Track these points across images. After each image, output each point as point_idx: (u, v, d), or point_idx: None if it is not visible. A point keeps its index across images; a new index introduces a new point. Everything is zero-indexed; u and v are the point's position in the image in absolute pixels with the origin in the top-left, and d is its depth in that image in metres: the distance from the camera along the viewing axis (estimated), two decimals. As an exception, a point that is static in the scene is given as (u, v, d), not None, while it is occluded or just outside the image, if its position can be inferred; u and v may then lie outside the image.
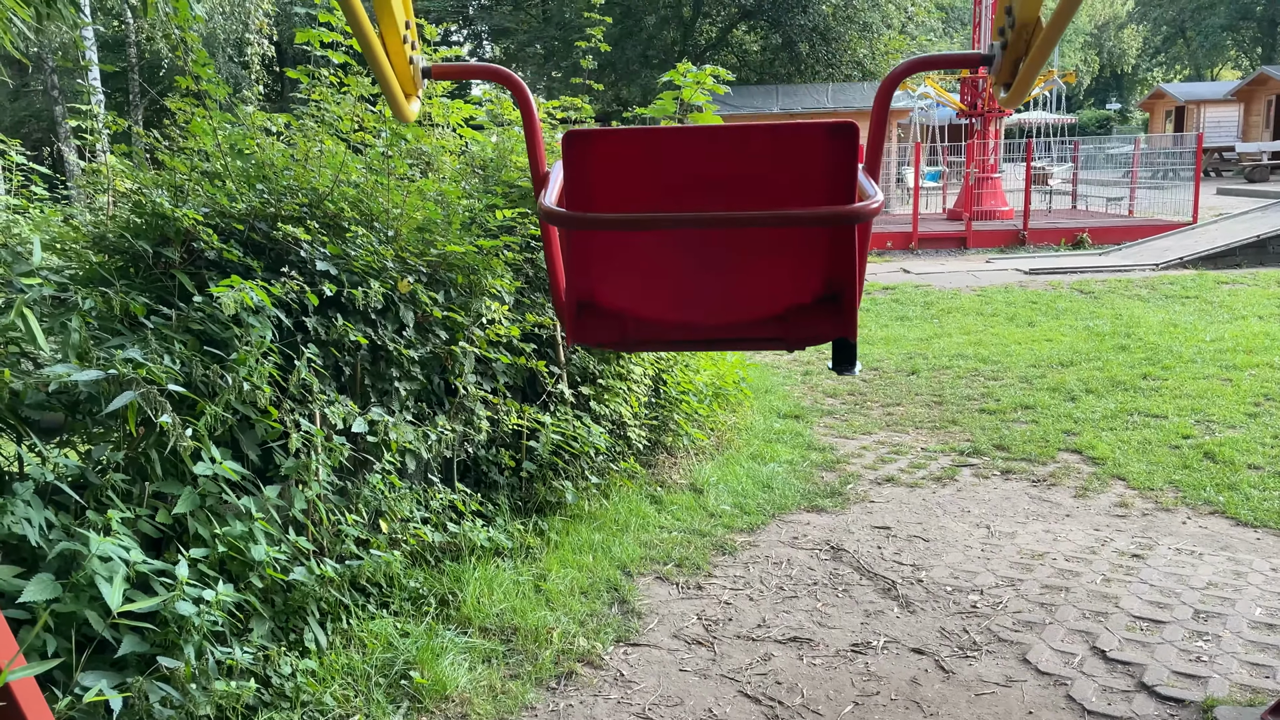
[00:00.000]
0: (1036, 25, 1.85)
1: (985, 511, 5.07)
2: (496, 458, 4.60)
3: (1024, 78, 1.90)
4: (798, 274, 2.08)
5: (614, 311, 2.14)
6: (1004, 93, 2.00)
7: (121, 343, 3.24)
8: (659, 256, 2.09)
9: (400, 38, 1.90)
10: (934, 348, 9.05)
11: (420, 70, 2.06)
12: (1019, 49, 1.88)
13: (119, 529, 2.96)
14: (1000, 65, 1.97)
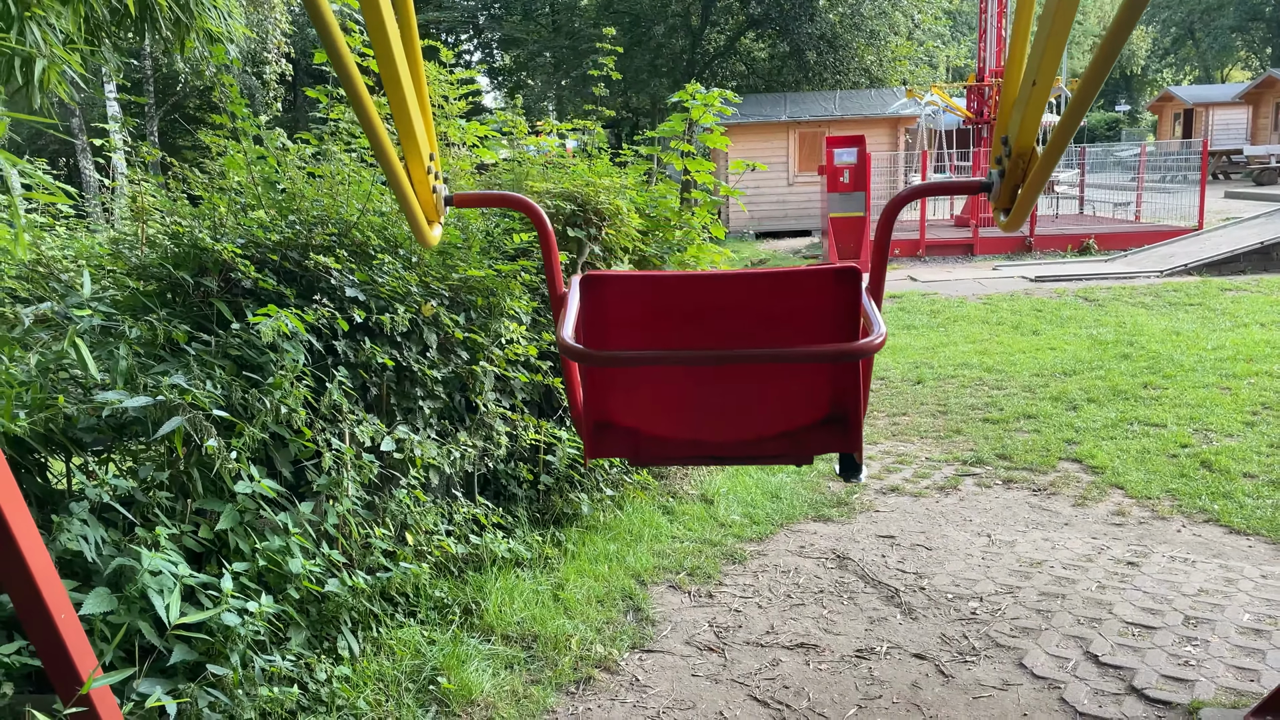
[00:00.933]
0: (1032, 154, 1.97)
1: (986, 520, 5.24)
2: (515, 471, 4.80)
3: (1022, 203, 2.00)
4: (804, 398, 2.22)
5: (629, 429, 2.29)
6: (1004, 217, 2.10)
7: (166, 368, 3.45)
8: (671, 383, 2.23)
9: (425, 168, 2.05)
10: (940, 357, 9.22)
11: (443, 198, 2.19)
12: (1016, 176, 2.00)
13: (167, 545, 3.18)
14: (999, 192, 2.07)
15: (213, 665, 2.99)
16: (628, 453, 2.32)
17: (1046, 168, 1.89)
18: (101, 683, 2.05)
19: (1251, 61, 63.31)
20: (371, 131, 1.74)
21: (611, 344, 2.13)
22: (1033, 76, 1.91)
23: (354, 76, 1.63)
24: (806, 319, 2.08)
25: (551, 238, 2.46)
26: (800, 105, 23.40)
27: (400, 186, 1.95)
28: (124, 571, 3.03)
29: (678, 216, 6.44)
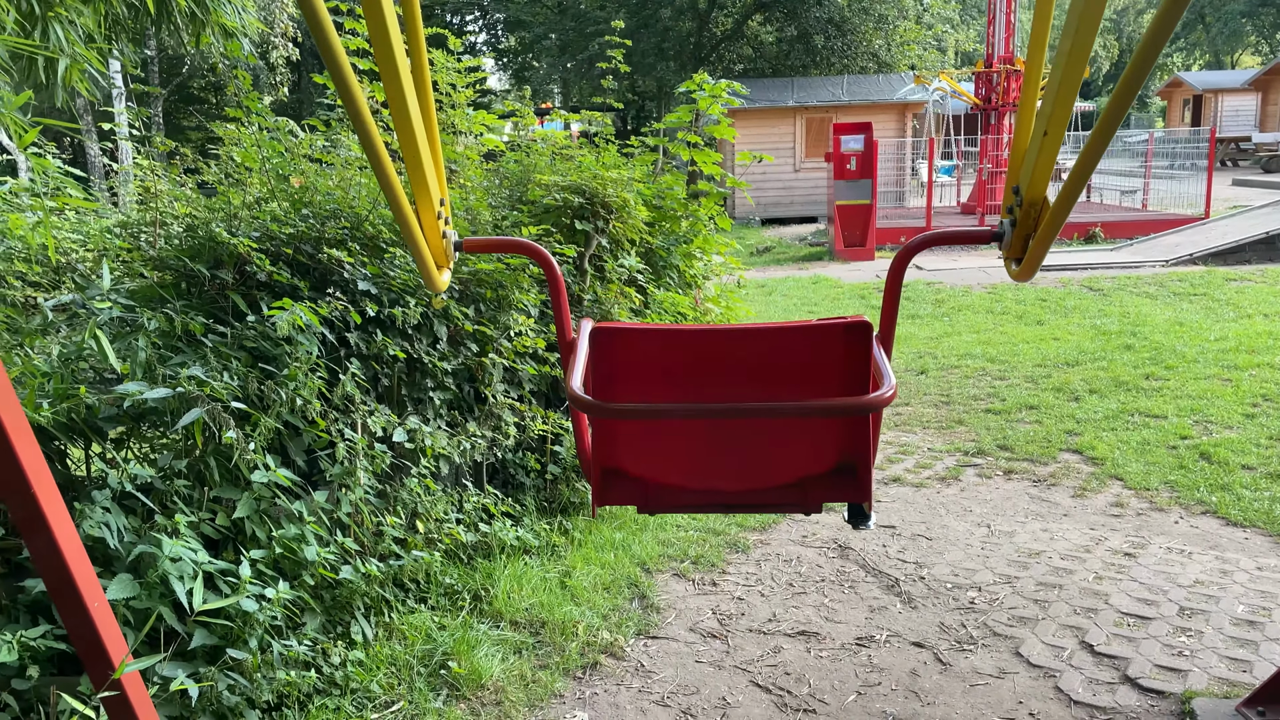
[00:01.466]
0: (1044, 204, 1.98)
1: (987, 511, 5.32)
2: (523, 461, 4.88)
3: (1034, 253, 2.01)
4: (814, 449, 2.23)
5: (636, 478, 2.30)
6: (1015, 266, 2.11)
7: (184, 360, 3.53)
8: (680, 433, 2.23)
9: (435, 214, 2.07)
10: (943, 346, 9.28)
11: (452, 244, 2.21)
12: (1028, 226, 2.02)
13: (186, 532, 3.26)
14: (1010, 241, 2.09)
15: (232, 649, 3.08)
16: (636, 500, 2.33)
17: (1059, 218, 1.90)
18: (133, 668, 2.14)
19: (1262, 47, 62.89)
20: (384, 178, 1.75)
21: (620, 394, 2.13)
22: (1044, 127, 1.94)
23: (369, 125, 1.67)
24: (817, 371, 2.08)
25: (560, 282, 2.47)
26: (807, 90, 23.35)
27: (410, 232, 1.97)
28: (144, 558, 3.12)
29: (684, 207, 6.49)
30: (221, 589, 3.25)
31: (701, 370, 2.11)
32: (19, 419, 2.39)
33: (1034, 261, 2.05)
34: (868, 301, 11.94)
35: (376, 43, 1.73)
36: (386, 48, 1.73)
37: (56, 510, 2.03)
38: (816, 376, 2.09)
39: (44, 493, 2.14)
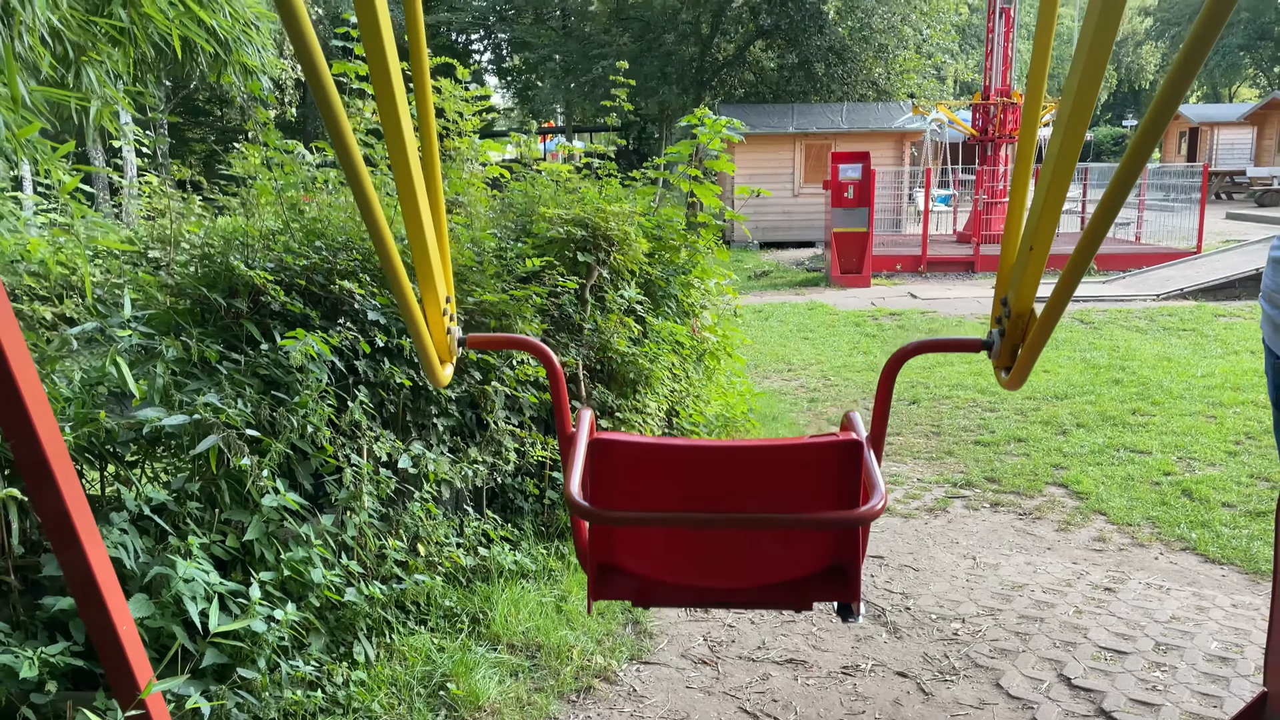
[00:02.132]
0: (1031, 315, 2.03)
1: (973, 543, 5.46)
2: (522, 485, 5.01)
3: (1023, 363, 2.06)
4: (807, 552, 2.31)
5: (633, 575, 2.37)
6: (1005, 375, 2.15)
7: (200, 386, 3.67)
8: (676, 534, 2.31)
9: (440, 310, 2.13)
10: (935, 377, 9.44)
11: (456, 340, 2.28)
12: (1016, 336, 2.07)
13: (198, 554, 3.40)
14: (1000, 350, 2.13)
15: (242, 669, 3.21)
16: (631, 596, 2.38)
17: (1045, 328, 1.96)
18: (158, 688, 2.27)
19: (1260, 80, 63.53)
20: (391, 271, 1.79)
21: (618, 496, 2.20)
22: (1029, 242, 1.99)
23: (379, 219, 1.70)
24: (810, 484, 2.16)
25: (560, 377, 2.55)
26: (807, 117, 23.61)
27: (415, 326, 2.02)
28: (158, 578, 3.25)
29: (683, 238, 6.65)
30: (232, 609, 3.37)
31: (699, 480, 2.19)
32: (58, 445, 2.53)
33: (1023, 370, 2.09)
34: (862, 329, 12.10)
35: (389, 132, 1.80)
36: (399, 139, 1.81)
37: (91, 536, 2.16)
38: (810, 489, 2.17)
39: (80, 518, 2.27)
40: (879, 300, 14.34)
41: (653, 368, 5.64)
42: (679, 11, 26.13)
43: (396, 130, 1.79)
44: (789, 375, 9.92)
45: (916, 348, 2.50)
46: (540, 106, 37.82)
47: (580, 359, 5.34)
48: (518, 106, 48.82)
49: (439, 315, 2.17)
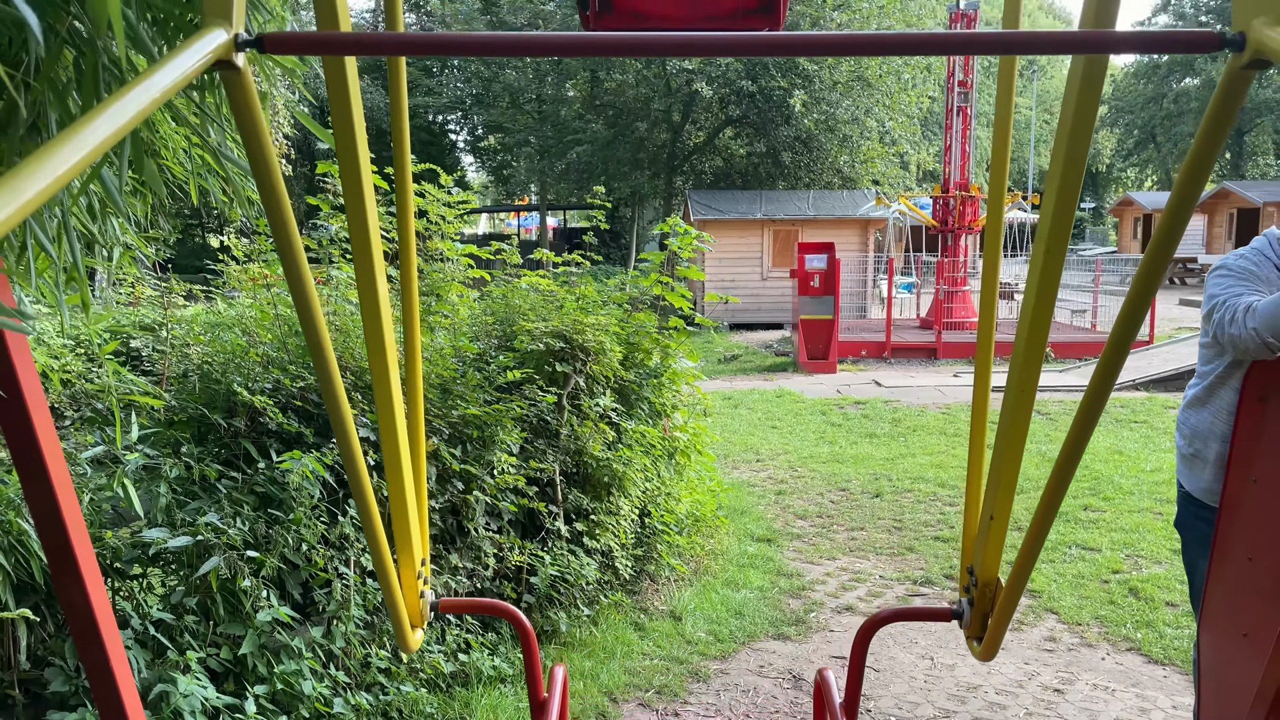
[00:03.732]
0: (997, 584, 2.08)
1: (931, 643, 5.71)
2: (500, 589, 5.23)
3: (993, 633, 2.06)
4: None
5: None
6: (977, 645, 2.18)
7: (200, 505, 3.90)
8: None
9: (415, 573, 2.16)
10: (898, 469, 9.77)
11: (429, 604, 2.32)
12: (985, 605, 2.11)
13: (196, 668, 3.59)
14: (970, 619, 2.16)
15: (237, 782, 3.38)
16: None
17: (1012, 597, 1.98)
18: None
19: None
20: (370, 530, 1.85)
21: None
22: (990, 512, 2.06)
23: (364, 482, 1.77)
24: None
25: (533, 641, 2.64)
26: (775, 204, 24.36)
27: (389, 591, 2.02)
28: (162, 694, 3.44)
29: (655, 341, 6.98)
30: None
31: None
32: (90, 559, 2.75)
33: (994, 640, 2.09)
34: (828, 418, 12.45)
35: (380, 405, 1.96)
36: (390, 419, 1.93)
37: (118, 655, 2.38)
38: None
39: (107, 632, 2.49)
40: (844, 388, 14.74)
41: (626, 470, 5.91)
42: (650, 100, 27.00)
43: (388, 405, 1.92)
44: (757, 465, 10.21)
45: (889, 616, 2.62)
46: (515, 187, 38.58)
47: (557, 465, 5.60)
48: (492, 185, 49.63)
49: (414, 579, 2.17)
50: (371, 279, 1.86)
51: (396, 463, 2.05)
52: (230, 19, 1.24)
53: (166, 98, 1.08)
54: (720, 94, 26.00)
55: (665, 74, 26.49)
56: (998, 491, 2.03)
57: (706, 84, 25.13)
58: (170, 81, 1.08)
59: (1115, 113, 67.33)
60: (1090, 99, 1.63)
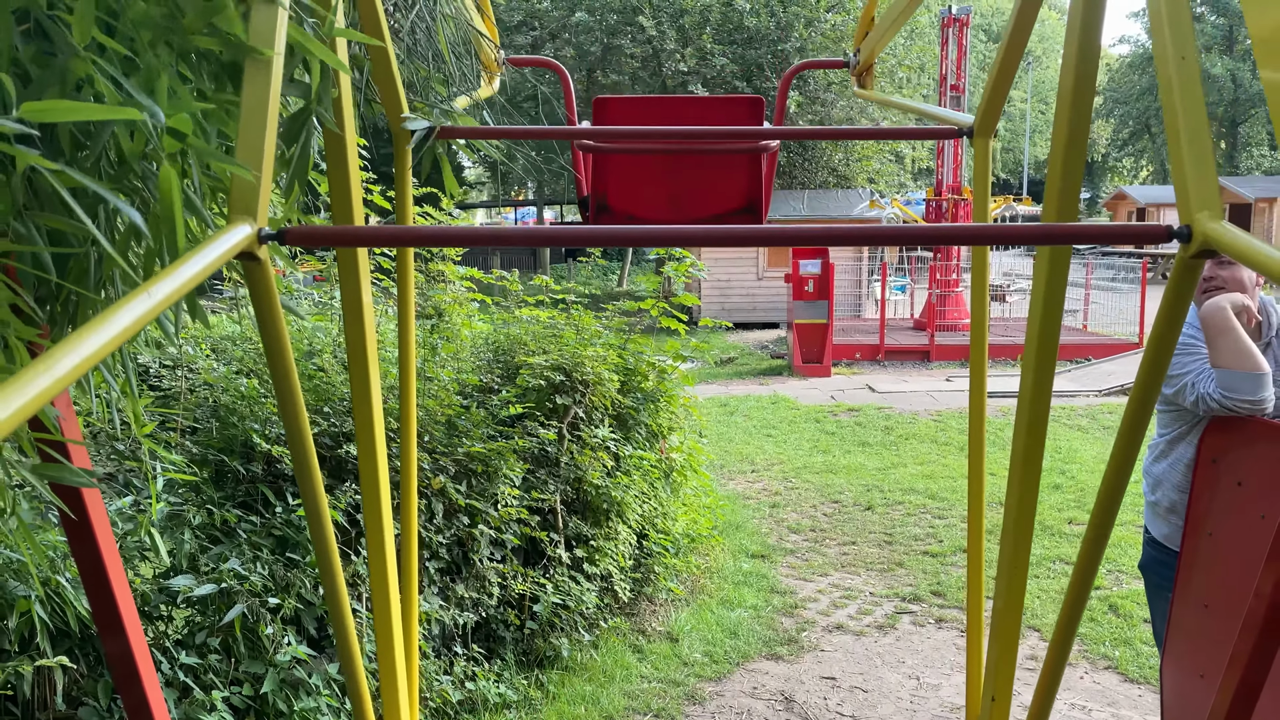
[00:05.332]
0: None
1: (918, 662, 5.95)
2: (504, 616, 5.46)
3: None
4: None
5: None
6: None
7: (223, 550, 4.12)
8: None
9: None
10: (890, 479, 10.01)
11: None
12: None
13: (221, 707, 3.82)
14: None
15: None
16: None
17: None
18: None
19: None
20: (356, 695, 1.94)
21: None
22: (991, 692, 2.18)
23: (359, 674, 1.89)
24: None
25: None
26: (771, 205, 24.54)
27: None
28: (187, 734, 3.67)
29: (651, 365, 7.20)
30: (250, 758, 3.79)
31: None
32: (132, 613, 2.98)
33: None
34: (822, 426, 12.69)
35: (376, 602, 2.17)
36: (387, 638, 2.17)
37: (157, 699, 2.61)
38: None
39: (148, 680, 2.72)
40: (838, 393, 14.98)
41: (624, 496, 6.14)
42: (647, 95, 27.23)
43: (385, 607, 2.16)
44: (752, 476, 10.44)
45: None
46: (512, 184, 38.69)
47: (558, 494, 5.83)
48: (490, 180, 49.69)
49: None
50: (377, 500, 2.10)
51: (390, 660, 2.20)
52: (254, 215, 1.44)
53: (193, 285, 1.27)
54: (715, 94, 26.15)
55: (661, 75, 26.64)
56: (998, 669, 2.15)
57: (702, 85, 25.29)
58: (196, 271, 1.27)
59: (1110, 103, 67.50)
60: (1084, 108, 1.87)
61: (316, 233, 1.58)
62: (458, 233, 3.10)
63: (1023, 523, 1.92)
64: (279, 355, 1.50)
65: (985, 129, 2.60)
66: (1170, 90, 1.51)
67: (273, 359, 1.50)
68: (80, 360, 0.97)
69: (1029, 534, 1.94)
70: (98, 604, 2.84)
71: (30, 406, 0.86)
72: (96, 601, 2.84)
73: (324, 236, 1.63)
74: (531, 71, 30.60)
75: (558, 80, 4.25)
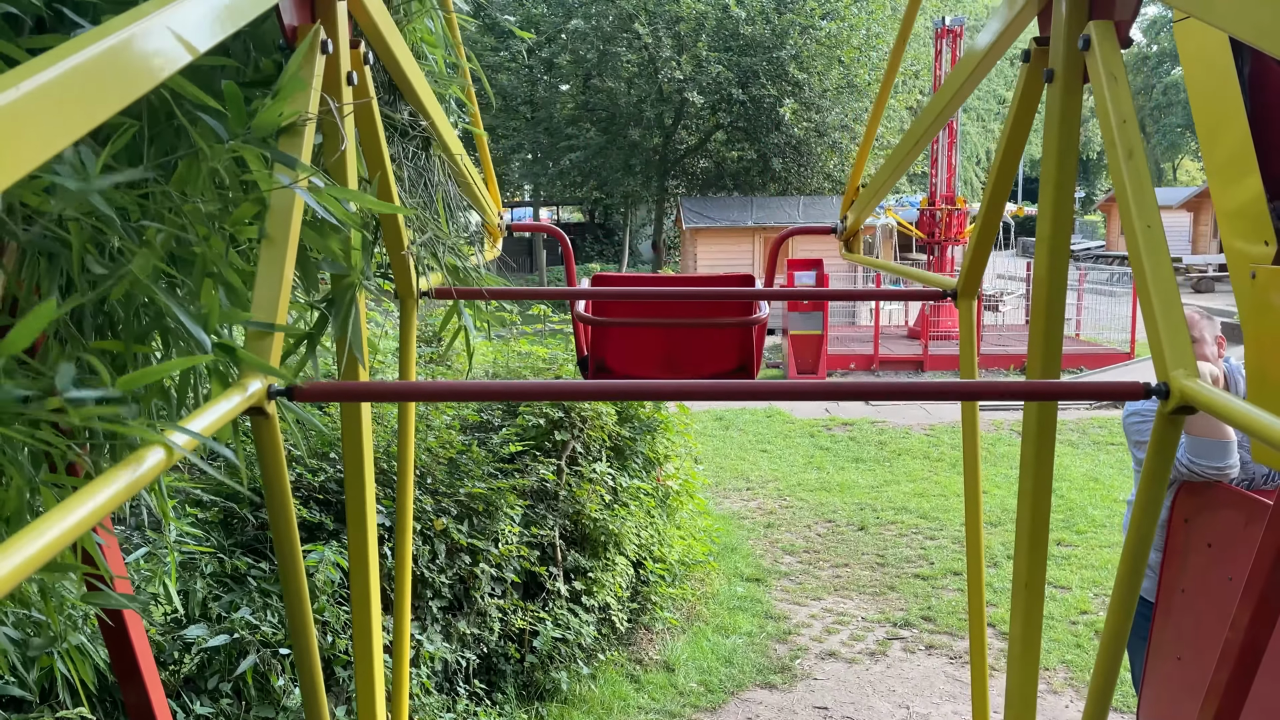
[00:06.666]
0: None
1: (908, 691, 6.11)
2: (504, 649, 5.61)
3: None
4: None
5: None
6: None
7: (234, 598, 4.27)
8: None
9: None
10: (883, 498, 10.16)
11: None
12: None
13: (235, 754, 3.97)
14: None
15: None
16: None
17: None
18: None
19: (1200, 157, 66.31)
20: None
21: None
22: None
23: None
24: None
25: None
26: (765, 211, 24.72)
27: None
28: (204, 782, 3.82)
29: (648, 396, 7.36)
30: (262, 803, 3.94)
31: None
32: (151, 668, 3.13)
33: None
34: (816, 441, 12.84)
35: None
36: None
37: None
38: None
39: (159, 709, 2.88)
40: (833, 406, 15.13)
41: (622, 528, 6.29)
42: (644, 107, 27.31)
43: None
44: (747, 494, 10.59)
45: None
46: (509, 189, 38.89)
47: (557, 528, 5.98)
48: (485, 182, 49.66)
49: None
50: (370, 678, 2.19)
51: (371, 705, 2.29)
52: (265, 371, 1.56)
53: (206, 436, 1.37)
54: (711, 101, 26.29)
55: (658, 80, 26.76)
56: (1019, 703, 2.14)
57: (698, 93, 25.42)
58: (209, 423, 1.38)
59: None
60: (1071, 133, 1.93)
61: (325, 389, 1.69)
62: (462, 388, 3.19)
63: (1034, 588, 1.99)
64: (280, 505, 1.60)
65: (969, 291, 2.74)
66: (1139, 258, 1.63)
67: (273, 508, 1.59)
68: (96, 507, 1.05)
69: (1040, 600, 2.00)
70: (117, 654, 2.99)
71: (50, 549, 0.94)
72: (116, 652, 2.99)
73: (332, 392, 1.74)
74: (530, 74, 30.68)
75: (555, 84, 4.49)
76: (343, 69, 1.72)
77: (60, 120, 0.92)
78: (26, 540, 0.93)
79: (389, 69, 1.99)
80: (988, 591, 7.56)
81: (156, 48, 1.11)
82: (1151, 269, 1.62)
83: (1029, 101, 2.02)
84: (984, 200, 2.45)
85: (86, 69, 0.97)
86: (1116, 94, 1.67)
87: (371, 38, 1.84)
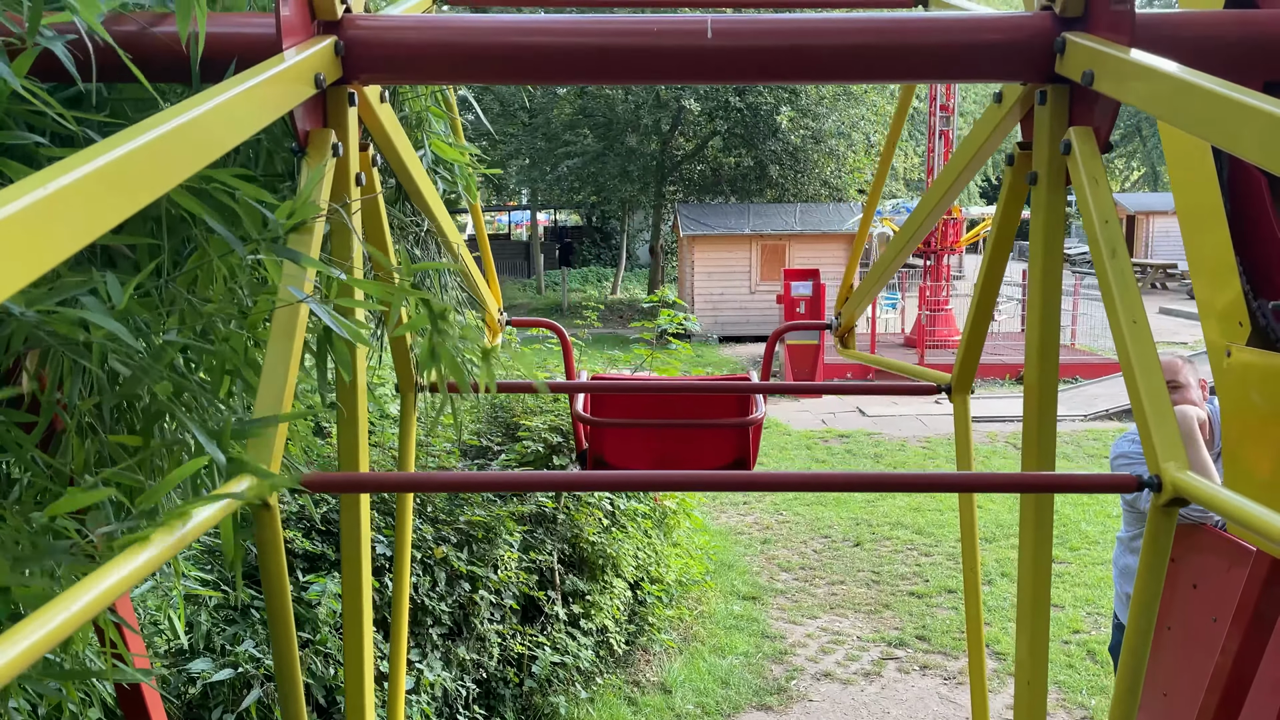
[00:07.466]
0: None
1: (902, 713, 6.19)
2: (503, 674, 5.68)
3: None
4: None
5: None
6: None
7: (237, 630, 4.33)
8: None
9: None
10: (878, 512, 10.24)
11: None
12: None
13: (239, 786, 4.03)
14: None
15: None
16: None
17: None
18: None
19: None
20: None
21: None
22: None
23: None
24: None
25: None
26: (763, 218, 24.79)
27: None
28: (209, 815, 3.88)
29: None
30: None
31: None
32: (157, 705, 3.19)
33: None
34: (813, 453, 12.92)
35: None
36: None
37: None
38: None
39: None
40: (829, 416, 15.21)
41: (619, 550, 6.36)
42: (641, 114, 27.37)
43: None
44: (744, 509, 10.66)
45: None
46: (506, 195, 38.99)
47: (555, 553, 6.04)
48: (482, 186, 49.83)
49: None
50: None
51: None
52: (268, 464, 1.61)
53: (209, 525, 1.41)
54: (708, 107, 26.37)
55: (655, 86, 26.83)
56: None
57: (695, 99, 25.49)
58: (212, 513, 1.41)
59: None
60: None
61: (327, 479, 1.73)
62: (466, 479, 3.28)
63: (1039, 615, 1.99)
64: (278, 595, 1.62)
65: (962, 386, 2.81)
66: (1126, 354, 1.68)
67: (271, 599, 1.62)
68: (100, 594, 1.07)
69: (1046, 622, 2.00)
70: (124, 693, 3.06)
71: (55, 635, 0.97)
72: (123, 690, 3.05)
73: (335, 483, 1.79)
74: (525, 83, 30.82)
75: (553, 90, 4.60)
76: (351, 170, 1.79)
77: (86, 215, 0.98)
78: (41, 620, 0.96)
79: (396, 173, 2.06)
80: (981, 609, 7.62)
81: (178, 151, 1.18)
82: (1139, 365, 1.66)
83: (1014, 202, 2.09)
84: (973, 302, 2.50)
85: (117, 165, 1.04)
86: (1098, 196, 1.74)
87: (380, 143, 1.91)
